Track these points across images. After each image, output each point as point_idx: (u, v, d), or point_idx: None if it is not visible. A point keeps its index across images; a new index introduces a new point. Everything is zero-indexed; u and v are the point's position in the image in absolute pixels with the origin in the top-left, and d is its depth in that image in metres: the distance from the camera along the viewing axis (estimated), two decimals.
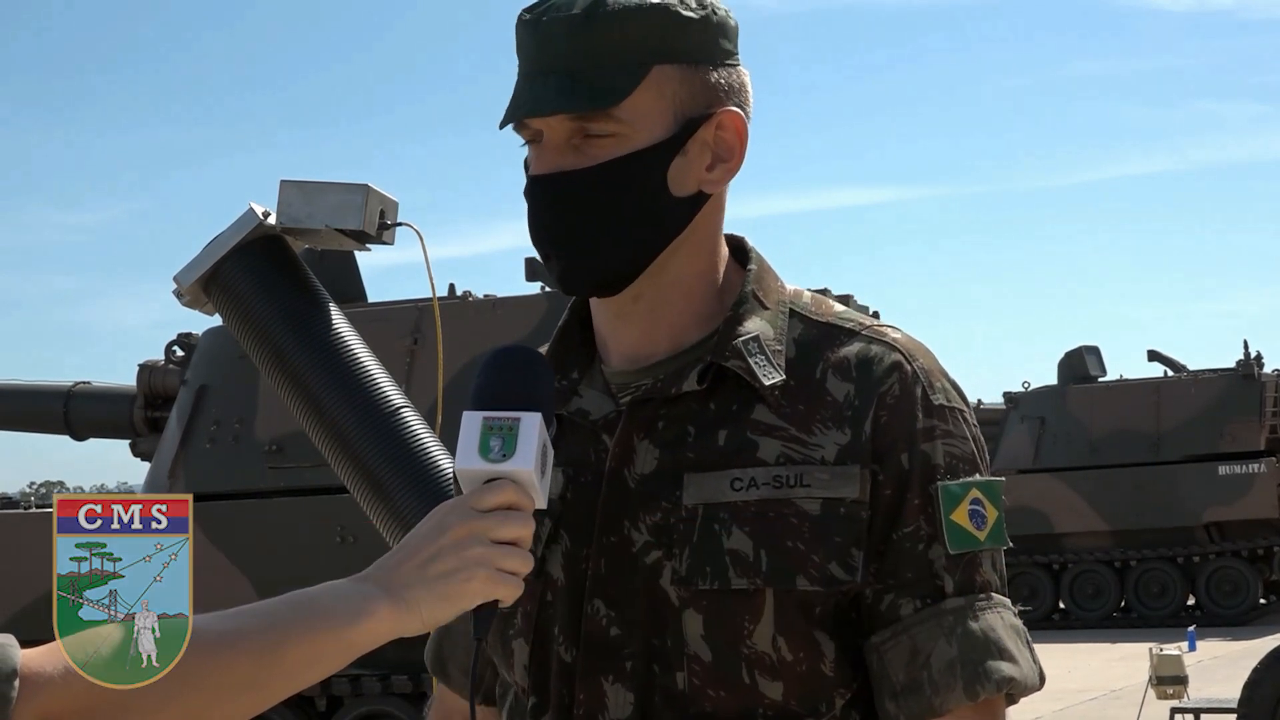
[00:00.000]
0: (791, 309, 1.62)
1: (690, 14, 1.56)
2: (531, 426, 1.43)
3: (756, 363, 1.56)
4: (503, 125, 1.57)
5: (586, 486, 1.58)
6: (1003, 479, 1.59)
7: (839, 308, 1.64)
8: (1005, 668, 1.50)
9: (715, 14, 1.58)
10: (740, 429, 1.55)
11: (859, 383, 1.55)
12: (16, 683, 1.30)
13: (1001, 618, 1.53)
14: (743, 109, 1.60)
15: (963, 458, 1.55)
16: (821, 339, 1.59)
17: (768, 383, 1.55)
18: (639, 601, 1.54)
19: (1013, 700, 1.54)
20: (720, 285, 1.63)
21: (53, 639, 1.36)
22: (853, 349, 1.58)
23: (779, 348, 1.58)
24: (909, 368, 1.56)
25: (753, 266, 1.64)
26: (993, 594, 1.54)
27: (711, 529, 1.52)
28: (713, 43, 1.57)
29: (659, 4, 1.54)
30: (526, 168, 1.60)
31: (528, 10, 1.57)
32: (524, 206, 1.60)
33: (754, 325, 1.59)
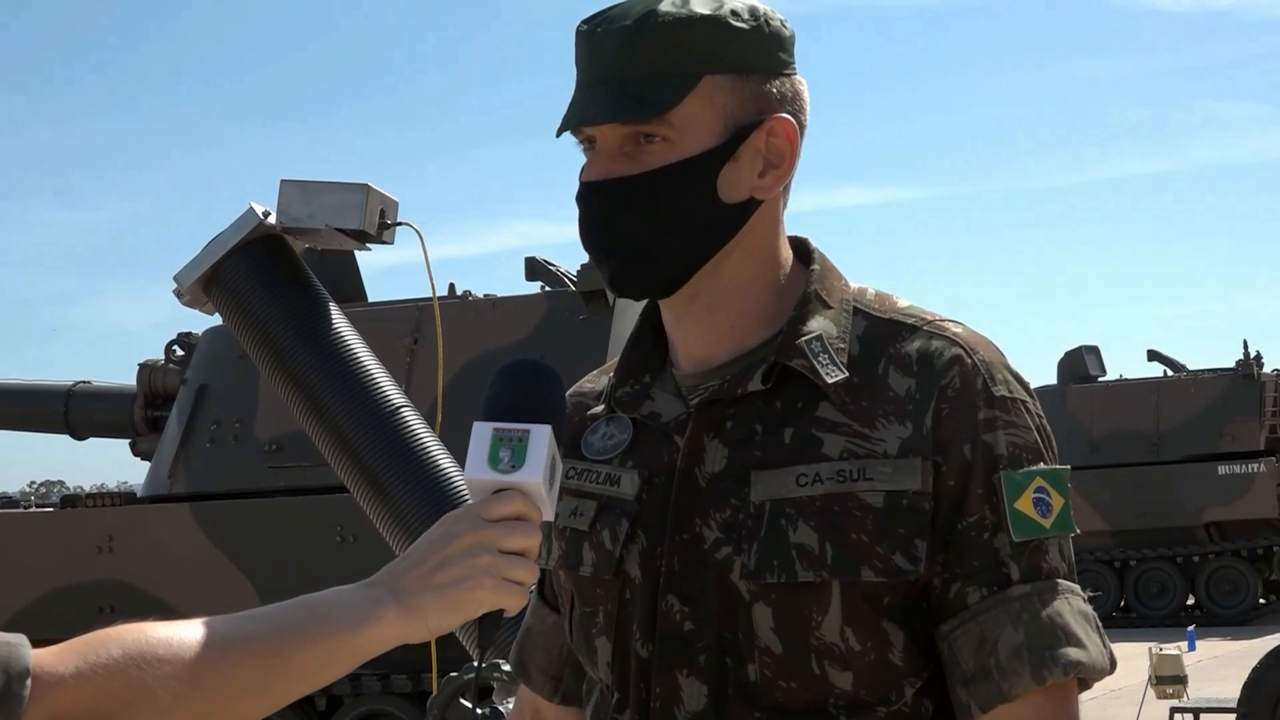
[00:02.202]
0: (855, 306, 1.66)
1: (741, 25, 1.59)
2: (541, 438, 1.45)
3: (820, 361, 1.59)
4: (559, 133, 1.61)
5: (660, 487, 1.62)
6: (1068, 467, 1.61)
7: (903, 303, 1.67)
8: (1072, 652, 1.52)
9: (769, 25, 1.61)
10: (805, 426, 1.58)
11: (920, 377, 1.58)
12: (29, 682, 1.32)
13: (1069, 603, 1.55)
14: (796, 117, 1.63)
15: (1026, 447, 1.58)
16: (884, 335, 1.63)
17: (830, 381, 1.58)
18: (711, 596, 1.57)
19: (1085, 685, 1.56)
20: (782, 286, 1.66)
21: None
22: (914, 344, 1.61)
23: (842, 345, 1.61)
24: (969, 360, 1.59)
25: (815, 267, 1.68)
26: (1059, 580, 1.56)
27: (778, 524, 1.55)
28: (765, 53, 1.61)
29: (710, 15, 1.58)
30: (581, 177, 1.64)
31: (585, 22, 1.62)
32: (525, 207, 1.64)
33: (817, 324, 1.62)
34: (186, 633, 1.39)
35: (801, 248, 1.71)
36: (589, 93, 1.59)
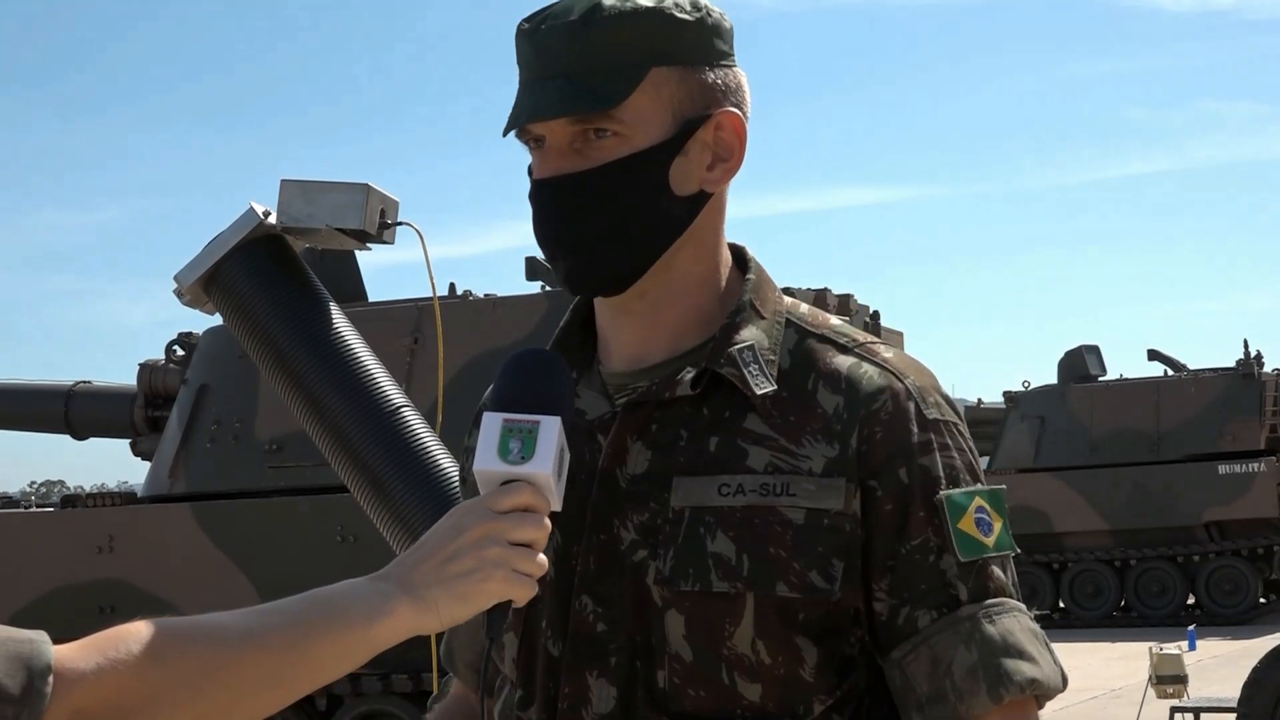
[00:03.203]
0: (788, 319, 1.65)
1: (685, 16, 1.58)
2: (551, 430, 1.45)
3: (750, 372, 1.58)
4: (506, 132, 1.60)
5: (580, 485, 1.60)
6: (1003, 486, 1.61)
7: (835, 321, 1.67)
8: (1026, 669, 1.51)
9: (710, 16, 1.61)
10: (731, 436, 1.57)
11: (848, 396, 1.57)
12: (50, 679, 1.33)
13: (1018, 621, 1.54)
14: (740, 109, 1.62)
15: (962, 468, 1.57)
16: (815, 351, 1.62)
17: (759, 392, 1.57)
18: (625, 599, 1.56)
19: (1040, 703, 1.55)
20: (722, 290, 1.65)
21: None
22: (845, 363, 1.60)
23: (773, 357, 1.60)
24: (900, 385, 1.58)
25: (751, 276, 1.66)
26: (1006, 599, 1.55)
27: (696, 531, 1.54)
28: (708, 44, 1.60)
29: (655, 7, 1.57)
30: (530, 173, 1.62)
31: (526, 20, 1.60)
32: (525, 206, 1.63)
33: (749, 334, 1.61)
34: (205, 628, 1.41)
35: (739, 255, 1.69)
36: (537, 89, 1.57)
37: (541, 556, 1.46)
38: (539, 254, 10.63)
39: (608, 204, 1.57)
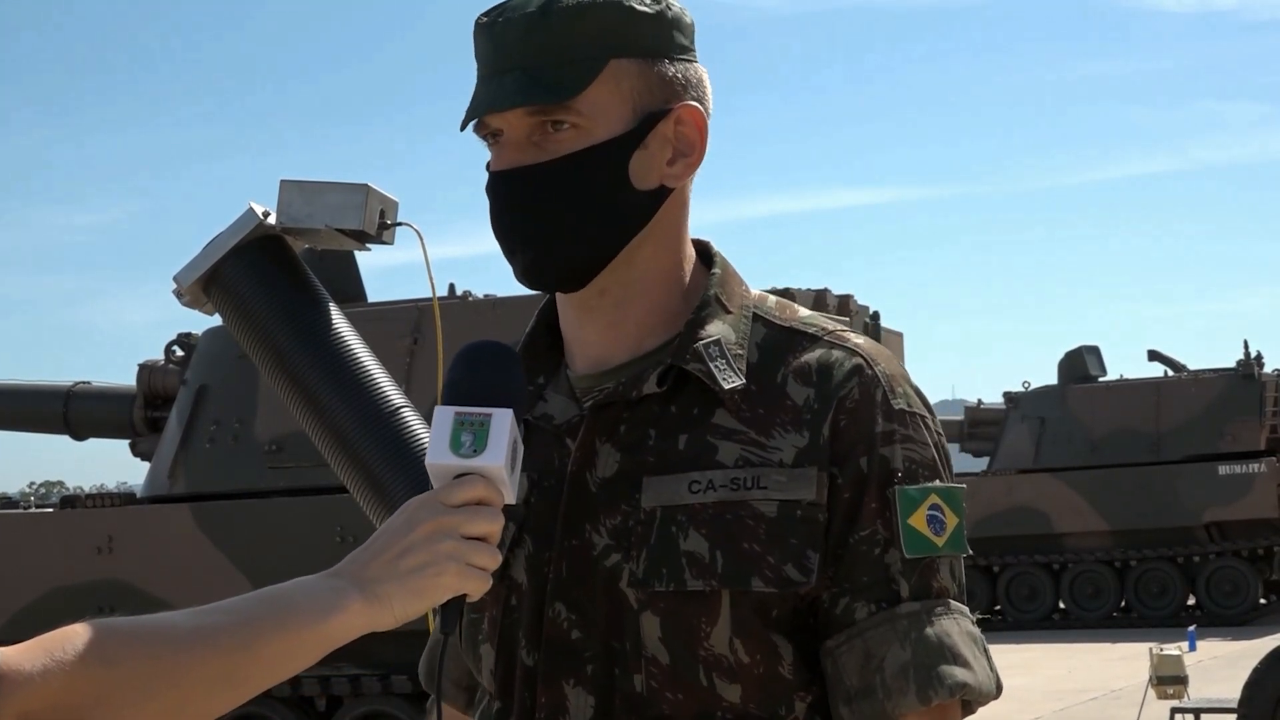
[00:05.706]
0: (755, 313, 1.63)
1: (645, 9, 1.57)
2: (503, 422, 1.44)
3: (717, 366, 1.56)
4: (464, 125, 1.58)
5: (550, 490, 1.59)
6: (964, 486, 1.59)
7: (804, 312, 1.65)
8: (959, 673, 1.50)
9: (670, 9, 1.59)
10: (701, 433, 1.55)
11: (819, 386, 1.56)
12: None
13: (958, 623, 1.52)
14: (701, 103, 1.61)
15: (922, 463, 1.55)
16: (784, 343, 1.60)
17: (727, 386, 1.56)
18: (599, 604, 1.54)
19: (969, 709, 1.54)
20: (686, 287, 1.63)
21: None
22: (814, 354, 1.58)
23: (740, 351, 1.58)
24: (870, 372, 1.56)
25: (716, 270, 1.64)
26: (950, 600, 1.54)
27: (669, 531, 1.53)
28: (668, 37, 1.59)
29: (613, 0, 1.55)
30: (488, 168, 1.61)
31: (484, 14, 1.59)
32: None
33: (715, 329, 1.59)
34: (153, 628, 1.39)
35: (704, 251, 1.67)
36: (494, 83, 1.55)
37: (496, 550, 1.44)
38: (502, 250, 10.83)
39: (566, 197, 1.56)
